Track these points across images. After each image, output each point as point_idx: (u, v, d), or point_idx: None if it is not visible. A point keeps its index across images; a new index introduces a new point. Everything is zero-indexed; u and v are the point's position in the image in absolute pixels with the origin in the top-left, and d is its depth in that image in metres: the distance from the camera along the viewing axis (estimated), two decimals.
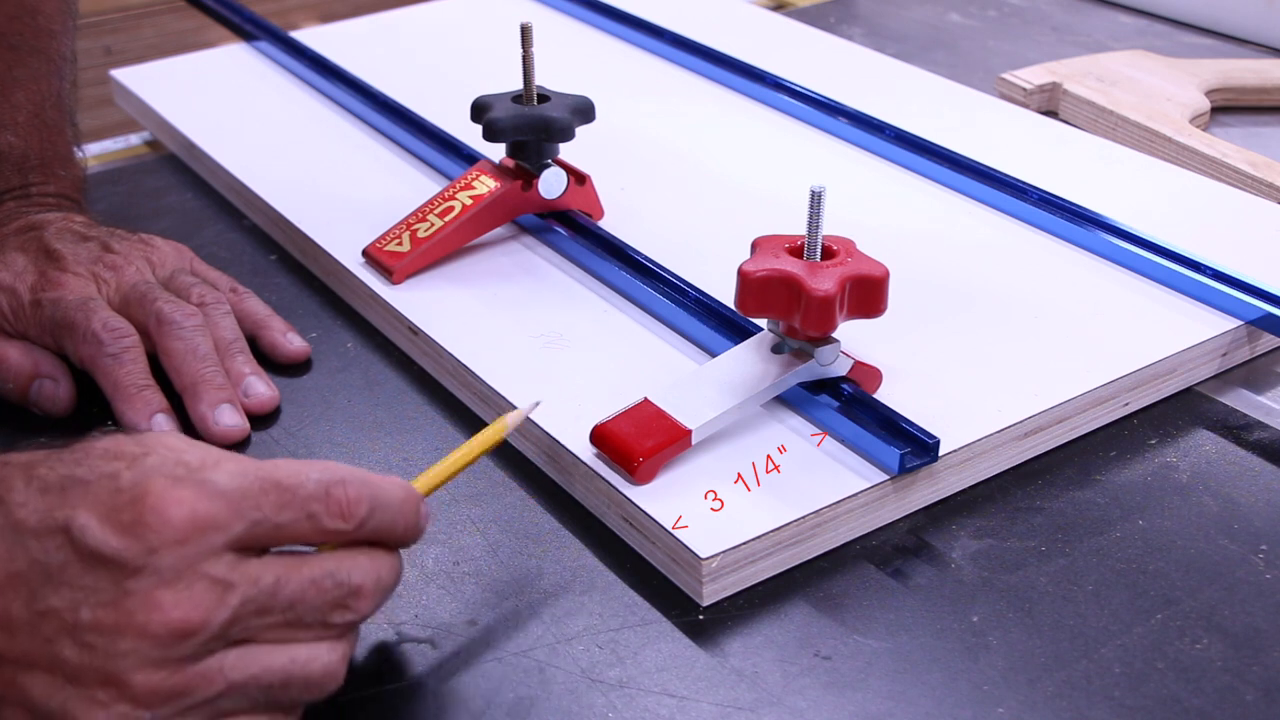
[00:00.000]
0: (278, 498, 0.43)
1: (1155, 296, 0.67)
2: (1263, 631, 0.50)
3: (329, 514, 0.44)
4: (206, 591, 0.41)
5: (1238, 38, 1.04)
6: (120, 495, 0.41)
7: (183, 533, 0.41)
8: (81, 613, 0.40)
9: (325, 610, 0.43)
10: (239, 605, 0.41)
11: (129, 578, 0.41)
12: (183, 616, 0.40)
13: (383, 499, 0.45)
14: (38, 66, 0.72)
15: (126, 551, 0.41)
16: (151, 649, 0.40)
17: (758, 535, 0.52)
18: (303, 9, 1.47)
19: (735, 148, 0.83)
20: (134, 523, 0.41)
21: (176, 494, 0.41)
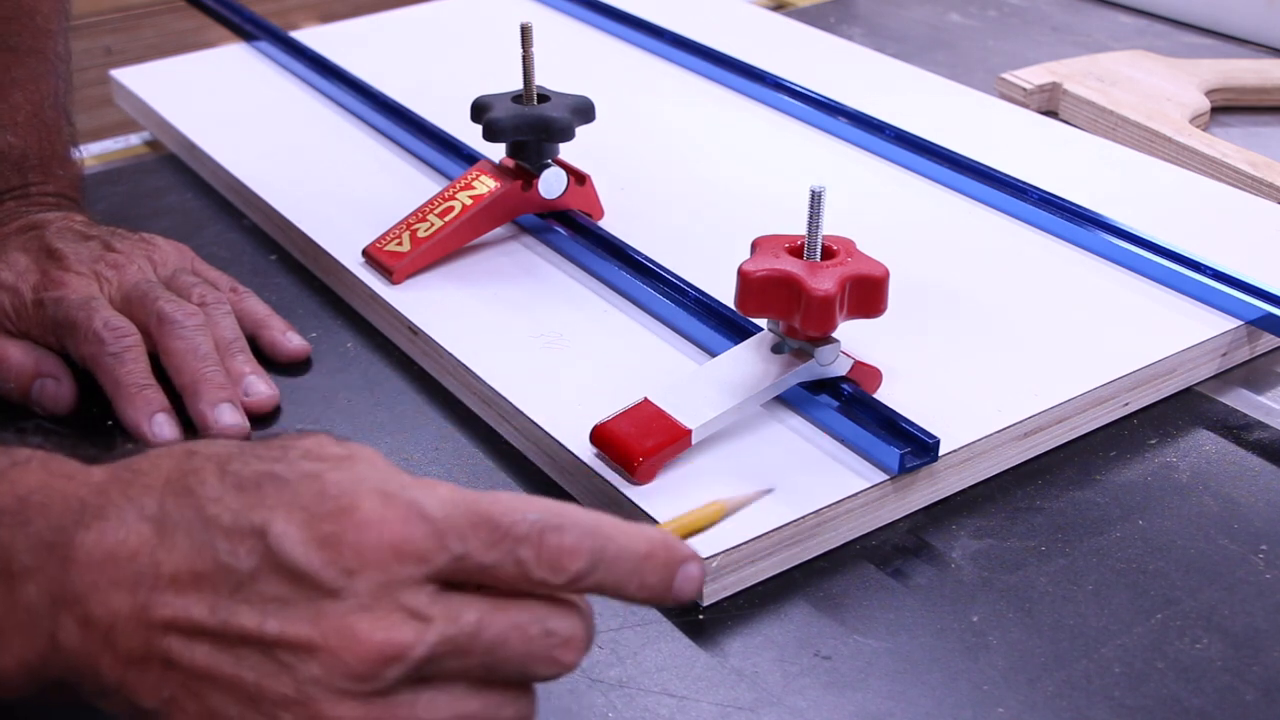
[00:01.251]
0: (487, 535, 0.39)
1: (1155, 296, 0.67)
2: (1263, 631, 0.50)
3: (538, 562, 0.39)
4: (405, 623, 0.38)
5: (1238, 38, 1.04)
6: (324, 502, 0.39)
7: (383, 557, 0.39)
8: (269, 624, 0.38)
9: (527, 660, 0.40)
10: (437, 642, 0.38)
11: (325, 598, 0.38)
12: (379, 648, 0.38)
13: (611, 554, 0.40)
14: (35, 67, 0.72)
15: (324, 571, 0.38)
16: (342, 677, 0.38)
17: (758, 535, 0.52)
18: (303, 9, 1.47)
19: (735, 147, 0.83)
20: (334, 538, 0.39)
21: (382, 513, 0.39)
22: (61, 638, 0.39)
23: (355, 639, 0.38)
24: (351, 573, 0.38)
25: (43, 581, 0.39)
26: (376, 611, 0.38)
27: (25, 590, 0.39)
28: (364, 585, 0.38)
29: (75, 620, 0.39)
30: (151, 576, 0.39)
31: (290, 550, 0.39)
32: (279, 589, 0.39)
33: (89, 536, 0.39)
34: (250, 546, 0.39)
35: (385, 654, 0.38)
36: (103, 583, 0.39)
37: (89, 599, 0.39)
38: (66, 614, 0.39)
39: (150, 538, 0.39)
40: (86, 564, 0.39)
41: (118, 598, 0.39)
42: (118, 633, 0.39)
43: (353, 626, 0.38)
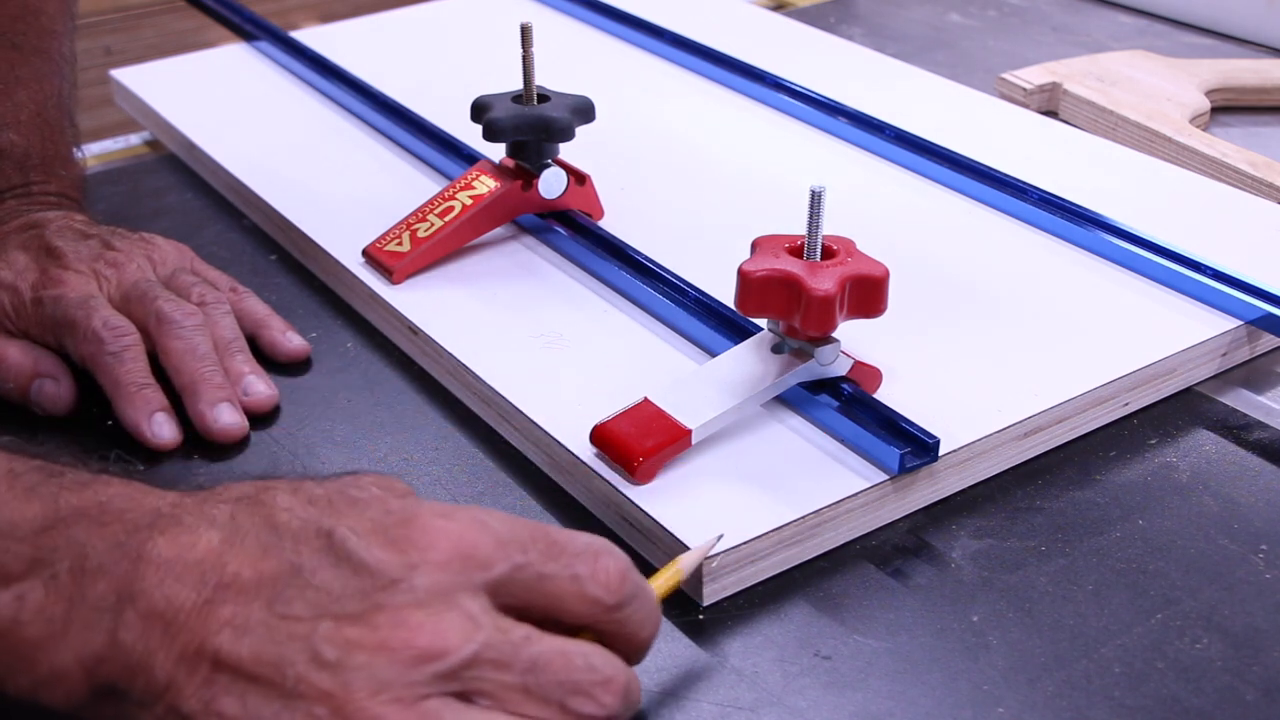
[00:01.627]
0: (547, 548, 0.41)
1: (1155, 296, 0.67)
2: (1263, 631, 0.50)
3: (593, 580, 0.42)
4: (456, 621, 0.39)
5: (1238, 38, 1.04)
6: (390, 515, 0.41)
7: (446, 557, 0.40)
8: (322, 622, 0.39)
9: (567, 690, 0.40)
10: (482, 647, 0.39)
11: (382, 590, 0.39)
12: (428, 641, 0.39)
13: (647, 591, 0.44)
14: (40, 66, 0.72)
15: (386, 563, 0.40)
16: (386, 668, 0.38)
17: (758, 535, 0.52)
18: (303, 9, 1.47)
19: (735, 148, 0.83)
20: (400, 539, 0.40)
21: (445, 524, 0.41)
22: (122, 633, 0.40)
23: (406, 628, 0.39)
24: (414, 567, 0.40)
25: (112, 579, 0.40)
26: (431, 608, 0.39)
27: (95, 587, 0.40)
28: (423, 581, 0.40)
29: (138, 614, 0.40)
30: (216, 575, 0.40)
31: (355, 545, 0.40)
32: (338, 581, 0.40)
33: (161, 539, 0.41)
34: (316, 546, 0.40)
35: (432, 649, 0.39)
36: (168, 579, 0.40)
37: (153, 593, 0.40)
38: (130, 608, 0.40)
39: (218, 543, 0.41)
40: (155, 563, 0.40)
41: (182, 592, 0.40)
42: (177, 626, 0.39)
43: (406, 617, 0.39)
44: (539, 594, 0.41)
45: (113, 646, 0.40)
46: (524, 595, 0.41)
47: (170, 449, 0.60)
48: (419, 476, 0.58)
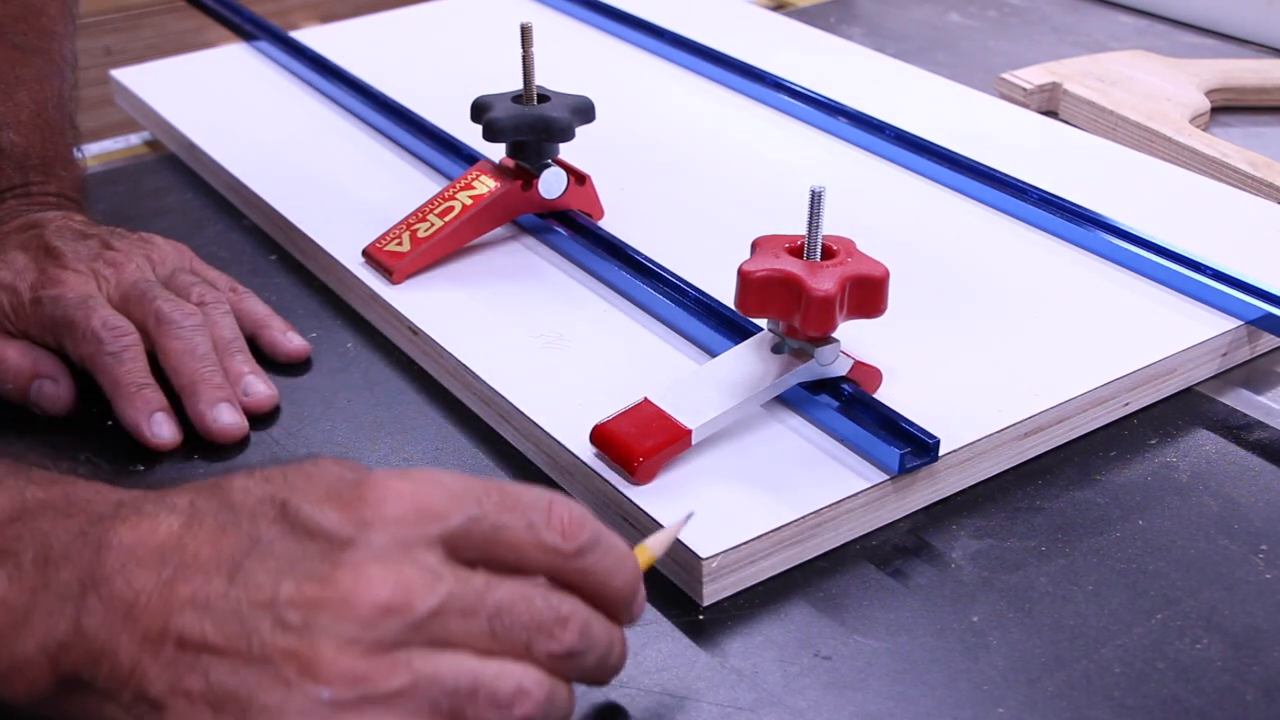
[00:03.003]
0: (500, 499, 0.42)
1: (1155, 296, 0.67)
2: (1263, 631, 0.50)
3: (549, 527, 0.42)
4: (417, 575, 0.39)
5: (1238, 38, 1.04)
6: (342, 481, 0.41)
7: (401, 513, 0.40)
8: (283, 587, 0.39)
9: (530, 631, 0.40)
10: (446, 597, 0.39)
11: (339, 550, 0.40)
12: (389, 594, 0.39)
13: (607, 539, 0.43)
14: (41, 67, 0.72)
15: (341, 526, 0.40)
16: (350, 624, 0.39)
17: (758, 535, 0.52)
18: (303, 9, 1.47)
19: (735, 148, 0.83)
20: (353, 501, 0.41)
21: (398, 484, 0.41)
22: (85, 620, 0.39)
23: (367, 584, 0.39)
24: (368, 525, 0.40)
25: (76, 567, 0.40)
26: (389, 563, 0.39)
27: (59, 575, 0.40)
28: (379, 538, 0.40)
29: (100, 600, 0.40)
30: (176, 556, 0.40)
31: (309, 512, 0.40)
32: (297, 548, 0.40)
33: (122, 527, 0.41)
34: (271, 517, 0.41)
35: (394, 602, 0.39)
36: (130, 564, 0.40)
37: (115, 579, 0.40)
38: (93, 594, 0.40)
39: (178, 527, 0.41)
40: (117, 549, 0.40)
41: (142, 576, 0.40)
42: (139, 610, 0.39)
43: (366, 573, 0.39)
44: (496, 544, 0.41)
45: (77, 634, 0.39)
46: (482, 547, 0.41)
47: (170, 449, 0.60)
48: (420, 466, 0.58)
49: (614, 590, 0.43)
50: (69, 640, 0.40)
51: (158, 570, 0.40)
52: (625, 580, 0.44)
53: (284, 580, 0.39)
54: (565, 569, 0.42)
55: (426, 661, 0.39)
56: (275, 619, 0.39)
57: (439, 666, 0.39)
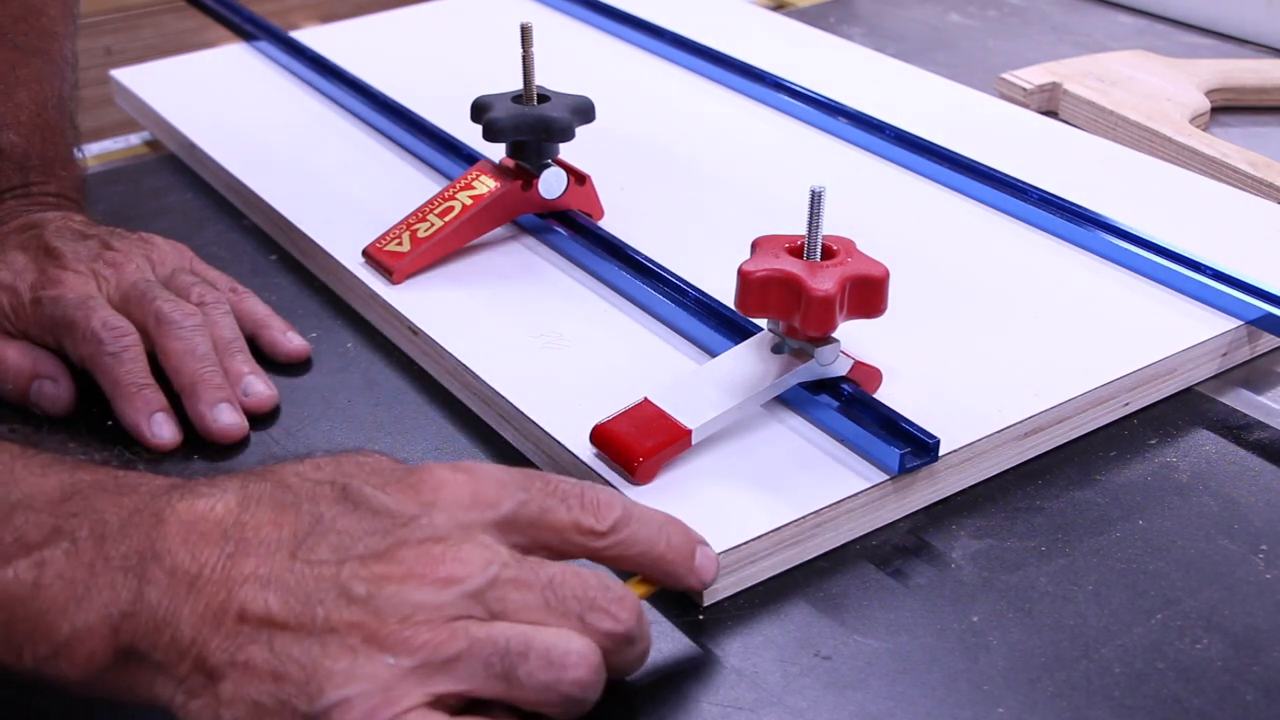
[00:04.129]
0: (543, 486, 0.45)
1: (1155, 296, 0.67)
2: (1263, 631, 0.50)
3: (584, 508, 0.45)
4: (476, 550, 0.42)
5: (1238, 38, 1.04)
6: (397, 470, 0.44)
7: (458, 498, 0.43)
8: (347, 562, 0.41)
9: (585, 606, 0.43)
10: (502, 569, 0.42)
11: (402, 527, 0.42)
12: (450, 569, 0.41)
13: (638, 513, 0.46)
14: (41, 67, 0.72)
15: (402, 505, 0.43)
16: (414, 594, 0.41)
17: (758, 535, 0.52)
18: (303, 9, 1.46)
19: (735, 147, 0.83)
20: (411, 486, 0.43)
21: (452, 474, 0.44)
22: (147, 590, 0.41)
23: (429, 558, 0.41)
24: (429, 505, 0.43)
25: (134, 541, 0.41)
26: (449, 540, 0.42)
27: (118, 548, 0.41)
28: (440, 518, 0.43)
29: (164, 571, 0.41)
30: (238, 532, 0.42)
31: (370, 494, 0.43)
32: (359, 525, 0.42)
33: (180, 504, 0.42)
34: (331, 498, 0.43)
35: (456, 574, 0.41)
36: (193, 537, 0.41)
37: (178, 551, 0.41)
38: (156, 565, 0.41)
39: (235, 505, 0.42)
40: (177, 525, 0.42)
41: (205, 550, 0.41)
42: (202, 582, 0.41)
43: (428, 549, 0.42)
44: (542, 527, 0.44)
45: (138, 603, 0.41)
46: (529, 530, 0.44)
47: (170, 449, 0.60)
48: None
49: (663, 556, 0.47)
50: (131, 610, 0.41)
51: (220, 545, 0.41)
52: (674, 543, 0.47)
53: (348, 556, 0.41)
54: (603, 547, 0.45)
55: (483, 628, 0.41)
56: (340, 592, 0.41)
57: (493, 631, 0.41)
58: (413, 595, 0.41)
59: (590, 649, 0.42)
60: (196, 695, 0.40)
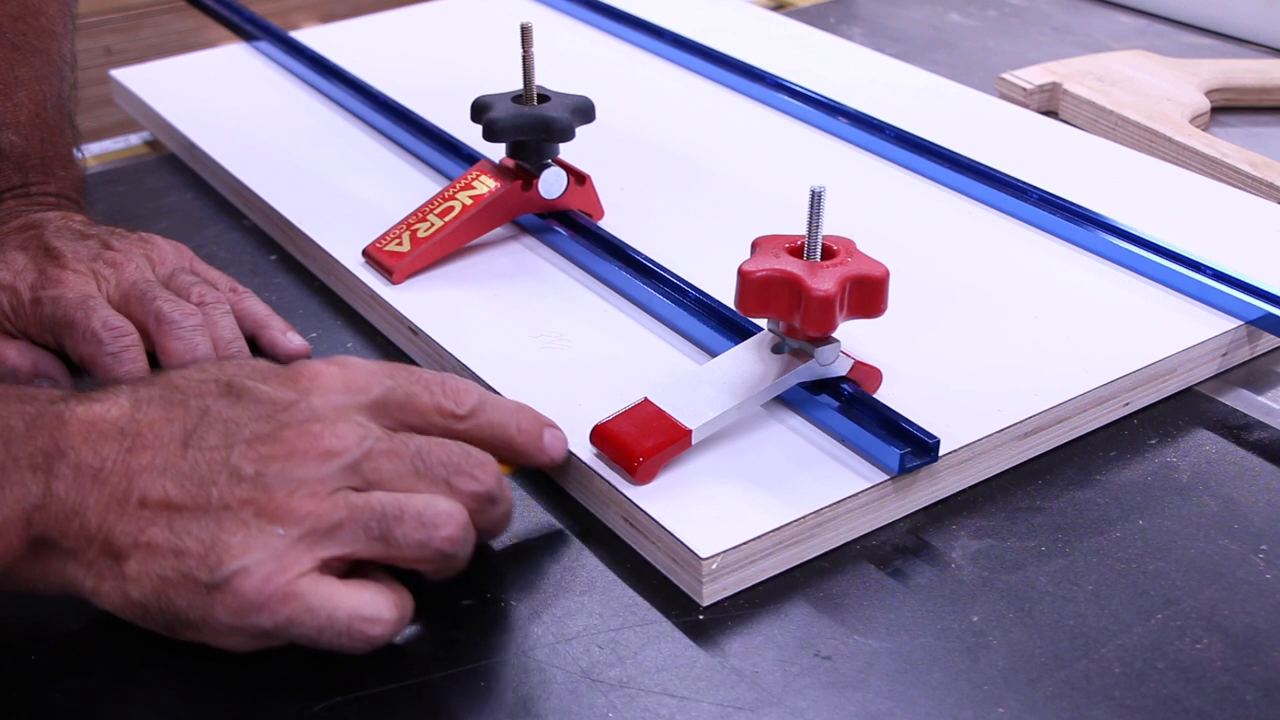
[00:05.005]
0: (408, 375, 0.50)
1: (1155, 296, 0.67)
2: (1263, 631, 0.50)
3: (445, 394, 0.50)
4: (351, 427, 0.47)
5: (1238, 38, 1.04)
6: (275, 366, 0.49)
7: (332, 385, 0.48)
8: (235, 446, 0.46)
9: (450, 471, 0.48)
10: (375, 442, 0.47)
11: (283, 411, 0.47)
12: (330, 443, 0.46)
13: (493, 399, 0.52)
14: (40, 67, 0.72)
15: (282, 393, 0.48)
16: (298, 469, 0.46)
17: (758, 535, 0.52)
18: (303, 9, 1.46)
19: (735, 148, 0.83)
20: (290, 377, 0.48)
21: (325, 365, 0.49)
22: (55, 485, 0.45)
23: (310, 435, 0.46)
24: (307, 391, 0.48)
25: (40, 441, 0.45)
26: (327, 420, 0.47)
27: (24, 448, 0.45)
28: (317, 401, 0.48)
29: (70, 467, 0.45)
30: (134, 430, 0.46)
31: (252, 385, 0.48)
32: (244, 413, 0.47)
33: (79, 408, 0.46)
34: (216, 391, 0.48)
35: (334, 448, 0.46)
36: (93, 436, 0.46)
37: (81, 449, 0.45)
38: (61, 462, 0.45)
39: (128, 406, 0.47)
40: (78, 425, 0.46)
41: (106, 447, 0.46)
42: (105, 474, 0.45)
43: (309, 428, 0.46)
44: (409, 410, 0.50)
45: (47, 496, 0.45)
46: (396, 413, 0.49)
47: None
48: None
49: (513, 438, 0.52)
50: (41, 503, 0.45)
51: (119, 441, 0.46)
52: (523, 426, 0.52)
53: (235, 440, 0.46)
54: (462, 430, 0.50)
55: (360, 497, 0.46)
56: (231, 473, 0.45)
57: (370, 499, 0.46)
58: (296, 471, 0.45)
59: (457, 509, 0.48)
60: (105, 578, 0.45)
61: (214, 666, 0.48)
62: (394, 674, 0.49)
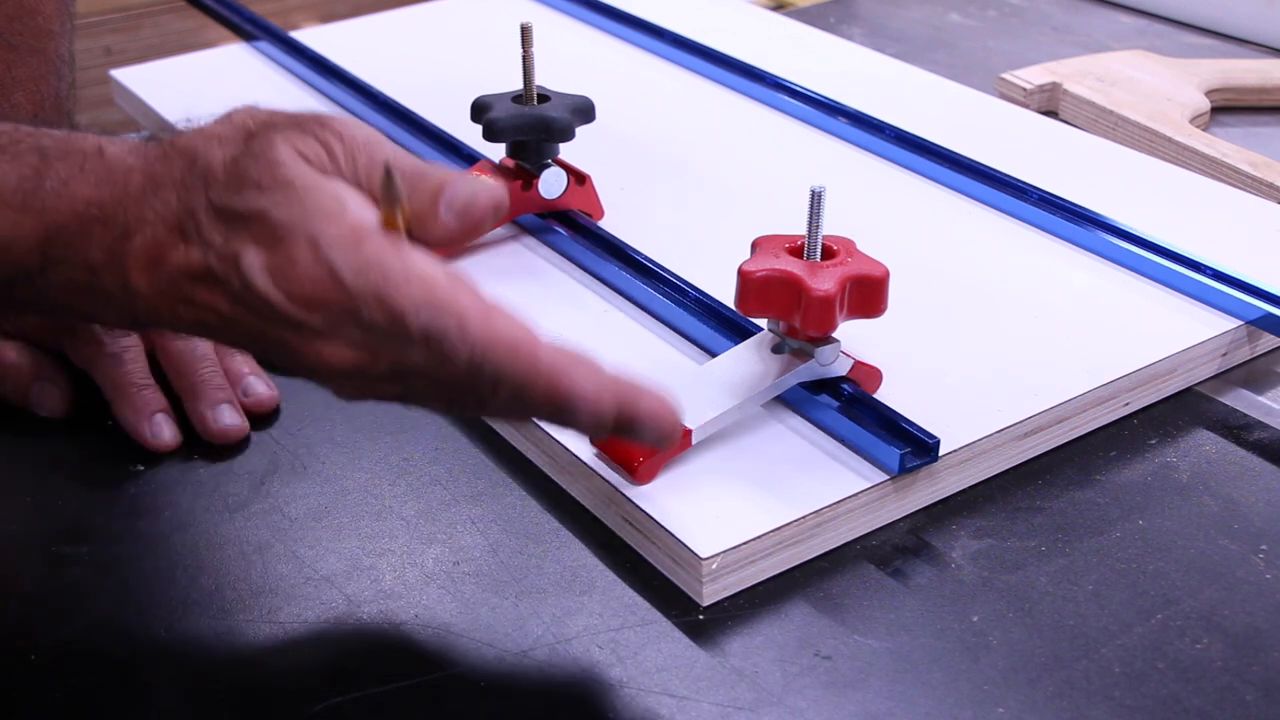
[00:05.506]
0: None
1: (1155, 296, 0.67)
2: (1263, 631, 0.50)
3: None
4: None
5: (1238, 38, 1.04)
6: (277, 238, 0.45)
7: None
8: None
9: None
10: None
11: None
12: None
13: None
14: (38, 67, 0.72)
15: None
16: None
17: (758, 535, 0.52)
18: (303, 9, 1.46)
19: (735, 148, 0.83)
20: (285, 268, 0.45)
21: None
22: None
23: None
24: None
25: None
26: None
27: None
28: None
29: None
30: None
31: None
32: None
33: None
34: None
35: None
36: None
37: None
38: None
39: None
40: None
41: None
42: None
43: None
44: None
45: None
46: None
47: (170, 450, 0.60)
48: (419, 476, 0.58)
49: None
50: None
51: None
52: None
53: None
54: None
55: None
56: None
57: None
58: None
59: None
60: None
61: (214, 666, 0.48)
62: (394, 674, 0.49)
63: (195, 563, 0.54)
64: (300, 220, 0.44)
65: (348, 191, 0.45)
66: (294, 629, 0.50)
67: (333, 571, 0.53)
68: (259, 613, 0.51)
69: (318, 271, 0.43)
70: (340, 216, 0.44)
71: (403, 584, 0.52)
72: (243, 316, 0.45)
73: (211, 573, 0.53)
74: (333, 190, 0.45)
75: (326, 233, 0.43)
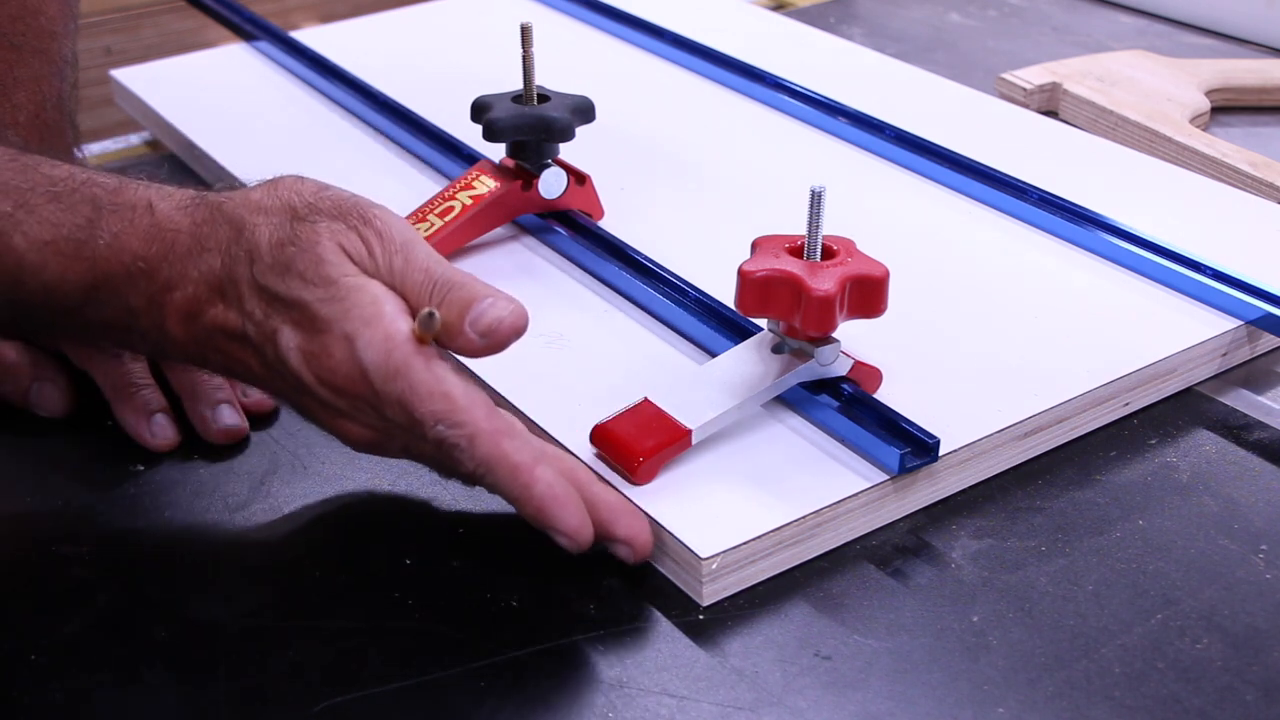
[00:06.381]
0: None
1: (1155, 296, 0.67)
2: (1263, 631, 0.50)
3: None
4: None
5: (1238, 38, 1.04)
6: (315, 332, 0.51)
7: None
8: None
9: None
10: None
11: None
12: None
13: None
14: (40, 67, 0.72)
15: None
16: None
17: (758, 535, 0.52)
18: (303, 9, 1.46)
19: (735, 147, 0.83)
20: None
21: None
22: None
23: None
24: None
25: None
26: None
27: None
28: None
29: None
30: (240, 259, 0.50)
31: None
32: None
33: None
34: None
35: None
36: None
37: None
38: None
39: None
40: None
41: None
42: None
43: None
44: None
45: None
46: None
47: (169, 450, 0.60)
48: (419, 477, 0.58)
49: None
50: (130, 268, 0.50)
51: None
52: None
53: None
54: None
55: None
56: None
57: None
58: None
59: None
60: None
61: (214, 666, 0.48)
62: (394, 674, 0.49)
63: (195, 563, 0.54)
64: (340, 318, 0.48)
65: (386, 295, 0.49)
66: (294, 629, 0.50)
67: (332, 571, 0.53)
68: (259, 613, 0.51)
69: (350, 368, 0.48)
70: (377, 321, 0.48)
71: (402, 584, 0.52)
72: (272, 379, 0.51)
73: (211, 572, 0.53)
74: (372, 293, 0.49)
75: (362, 335, 0.48)
